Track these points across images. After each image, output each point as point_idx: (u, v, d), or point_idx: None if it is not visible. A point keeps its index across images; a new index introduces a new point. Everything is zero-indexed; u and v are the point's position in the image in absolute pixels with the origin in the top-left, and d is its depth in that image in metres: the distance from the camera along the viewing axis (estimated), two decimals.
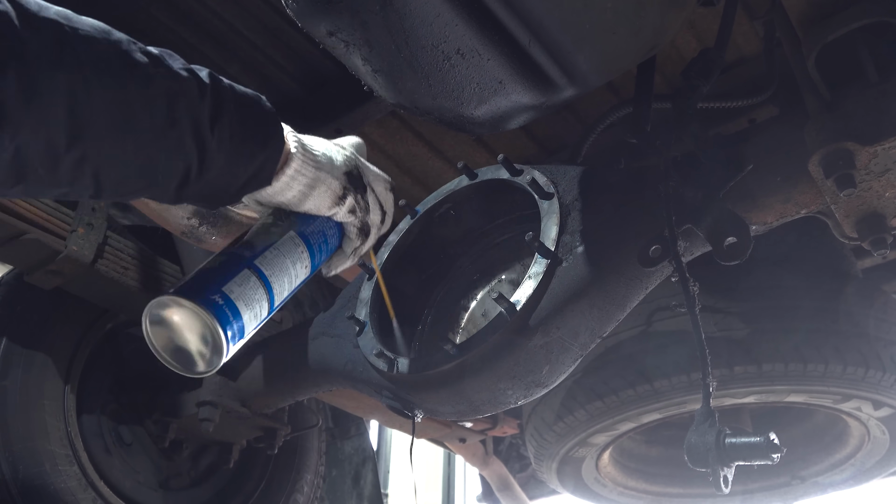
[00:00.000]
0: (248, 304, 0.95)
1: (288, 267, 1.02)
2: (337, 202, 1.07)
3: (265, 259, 1.00)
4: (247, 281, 0.96)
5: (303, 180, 1.02)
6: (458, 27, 1.02)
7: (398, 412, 1.42)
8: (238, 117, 0.92)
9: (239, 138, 0.92)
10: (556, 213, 1.34)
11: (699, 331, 1.20)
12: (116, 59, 0.82)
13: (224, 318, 0.92)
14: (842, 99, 1.27)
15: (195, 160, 0.88)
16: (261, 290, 0.97)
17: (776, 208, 1.39)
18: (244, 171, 0.94)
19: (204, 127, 0.87)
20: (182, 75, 0.88)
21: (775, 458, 1.05)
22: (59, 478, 1.87)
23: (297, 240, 1.05)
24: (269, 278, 0.99)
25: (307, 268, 1.07)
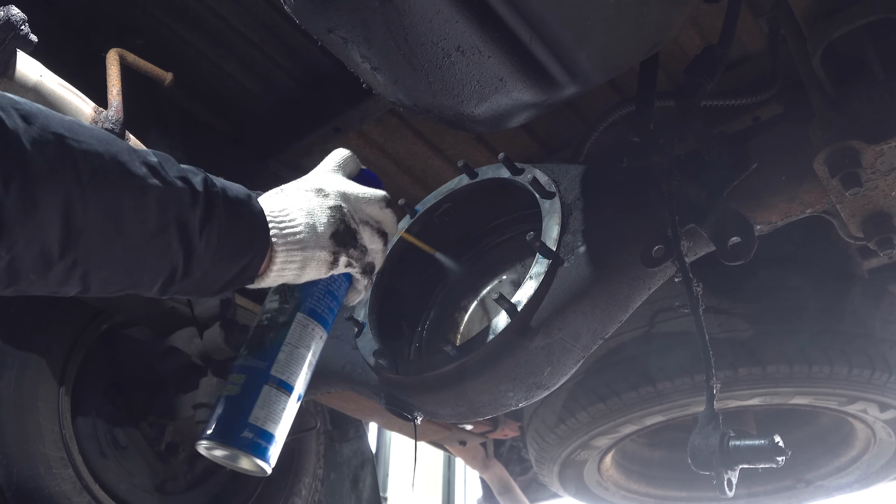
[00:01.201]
0: (275, 419, 1.06)
1: (305, 356, 1.10)
2: (331, 267, 1.08)
3: (279, 364, 1.07)
4: (269, 398, 1.05)
5: (291, 267, 1.03)
6: (459, 24, 1.02)
7: (397, 414, 1.42)
8: (226, 221, 0.95)
9: (226, 241, 0.95)
10: (558, 213, 1.34)
11: (703, 332, 1.20)
12: (114, 172, 0.85)
13: (257, 448, 1.04)
14: (847, 97, 1.27)
15: (181, 262, 0.91)
16: (283, 396, 1.07)
17: (781, 208, 1.39)
18: (228, 271, 0.97)
19: (193, 233, 0.91)
20: (177, 185, 0.91)
21: (780, 460, 1.05)
22: (54, 481, 1.86)
23: (305, 320, 1.11)
24: (289, 380, 1.08)
25: (322, 336, 1.13)
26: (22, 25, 1.28)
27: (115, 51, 1.57)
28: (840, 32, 1.23)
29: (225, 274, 0.97)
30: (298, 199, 1.06)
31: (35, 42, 1.31)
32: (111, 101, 1.46)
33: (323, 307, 1.13)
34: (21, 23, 1.28)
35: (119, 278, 0.89)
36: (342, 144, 2.23)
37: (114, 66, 1.53)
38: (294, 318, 1.10)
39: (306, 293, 1.11)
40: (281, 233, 1.02)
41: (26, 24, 1.29)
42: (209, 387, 1.94)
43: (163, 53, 1.95)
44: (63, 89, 1.37)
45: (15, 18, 1.27)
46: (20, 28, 1.28)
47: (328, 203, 1.08)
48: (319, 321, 1.12)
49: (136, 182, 0.87)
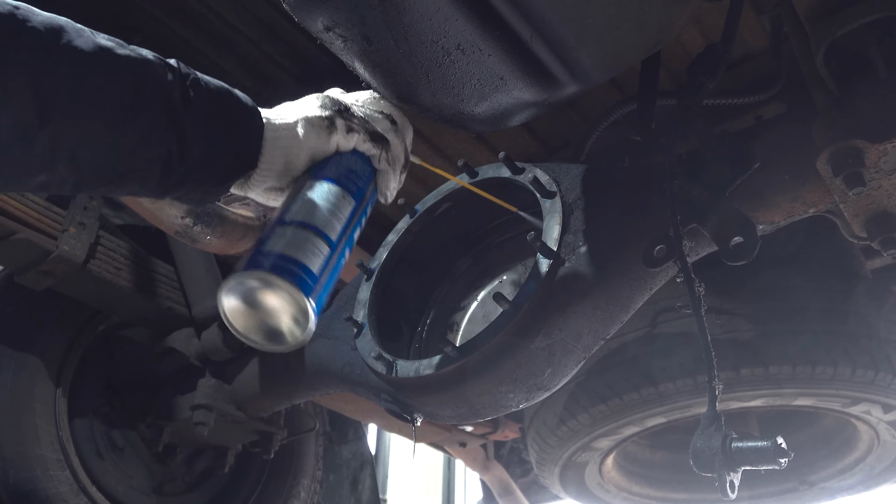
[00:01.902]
0: (298, 247, 0.95)
1: (323, 204, 1.01)
2: (329, 130, 1.05)
3: (292, 212, 0.99)
4: (284, 234, 0.96)
5: (284, 140, 1.01)
6: (459, 22, 1.02)
7: (397, 416, 1.42)
8: (210, 100, 0.93)
9: (215, 120, 0.93)
10: (559, 213, 1.34)
11: (705, 333, 1.20)
12: (79, 40, 0.83)
13: (278, 268, 0.91)
14: (851, 95, 1.27)
15: (174, 143, 0.88)
16: (304, 232, 0.97)
17: (784, 207, 1.39)
18: (227, 151, 0.95)
19: (177, 107, 0.88)
20: (149, 58, 0.90)
21: (783, 462, 1.05)
22: (51, 483, 1.87)
23: (316, 181, 1.03)
24: (308, 220, 0.98)
25: (346, 198, 1.04)
26: None
27: None
28: (843, 31, 1.23)
29: (224, 155, 0.94)
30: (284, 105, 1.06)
31: None
32: None
33: (336, 175, 1.05)
34: None
35: (111, 163, 0.85)
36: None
37: None
38: (306, 183, 1.03)
39: (314, 170, 1.05)
40: (270, 110, 1.02)
41: None
42: (207, 388, 1.94)
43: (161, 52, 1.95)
44: None
45: None
46: None
47: (313, 97, 1.10)
48: (334, 182, 1.04)
49: (104, 52, 0.84)
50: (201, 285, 2.07)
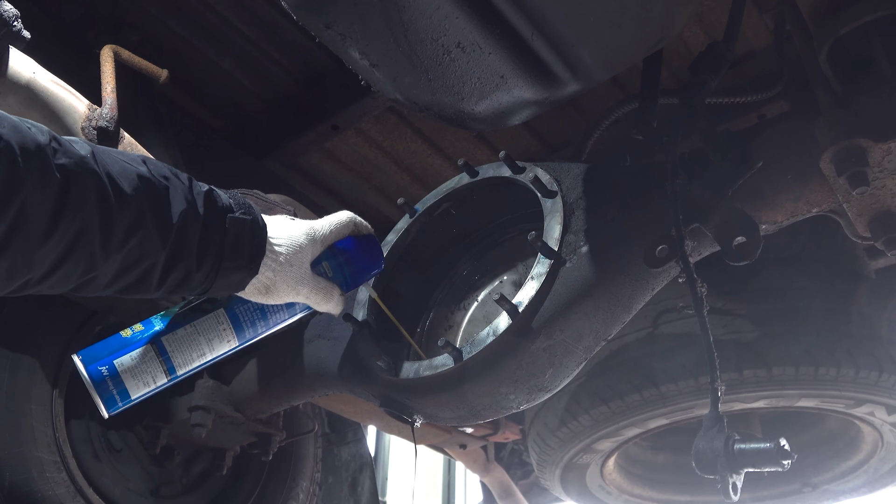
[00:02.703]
0: (135, 376, 1.12)
1: (201, 345, 1.16)
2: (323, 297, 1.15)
3: (174, 338, 1.14)
4: (144, 356, 1.12)
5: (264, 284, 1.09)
6: (459, 20, 1.02)
7: (396, 417, 1.42)
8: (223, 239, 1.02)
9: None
10: (560, 212, 1.34)
11: (707, 333, 1.20)
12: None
13: (103, 388, 1.11)
14: (854, 94, 1.27)
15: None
16: (157, 364, 1.13)
17: (787, 207, 1.39)
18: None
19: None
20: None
21: (786, 464, 1.05)
22: (47, 485, 1.86)
23: (222, 318, 1.16)
24: (172, 356, 1.14)
25: (231, 342, 1.18)
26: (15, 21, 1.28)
27: (110, 47, 1.57)
28: (847, 29, 1.23)
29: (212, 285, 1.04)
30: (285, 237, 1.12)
31: (28, 38, 1.31)
32: (105, 99, 1.46)
33: (246, 318, 1.17)
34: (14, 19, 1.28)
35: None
36: (341, 142, 2.24)
37: (108, 63, 1.53)
38: (214, 311, 1.16)
39: (240, 299, 1.15)
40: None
41: (19, 21, 1.29)
42: (205, 389, 1.94)
43: (158, 50, 1.95)
44: (56, 86, 1.37)
45: (7, 14, 1.27)
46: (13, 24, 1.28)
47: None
48: (237, 328, 1.17)
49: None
50: None
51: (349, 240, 1.20)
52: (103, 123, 1.41)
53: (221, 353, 1.19)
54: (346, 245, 1.19)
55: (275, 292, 1.09)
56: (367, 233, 1.22)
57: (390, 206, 2.49)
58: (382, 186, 2.44)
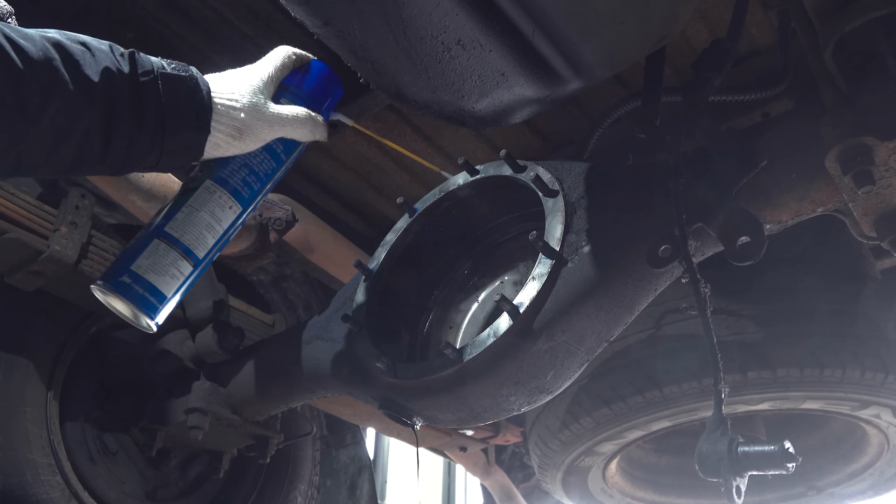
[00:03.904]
0: (160, 272, 1.11)
1: (205, 220, 1.14)
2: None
3: (176, 222, 1.13)
4: (156, 251, 1.11)
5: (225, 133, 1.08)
6: (459, 17, 1.02)
7: (396, 420, 1.42)
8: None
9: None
10: (562, 212, 1.34)
11: (711, 334, 1.20)
12: None
13: (134, 294, 1.10)
14: (860, 92, 1.27)
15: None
16: (173, 252, 1.12)
17: (791, 206, 1.39)
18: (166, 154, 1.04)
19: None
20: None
21: (790, 467, 1.05)
22: (42, 488, 1.87)
23: (213, 187, 1.14)
24: (183, 239, 1.12)
25: (233, 208, 1.16)
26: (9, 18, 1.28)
27: None
28: (852, 25, 1.23)
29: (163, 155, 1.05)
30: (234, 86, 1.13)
31: None
32: None
33: (237, 179, 1.16)
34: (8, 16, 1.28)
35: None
36: (339, 140, 2.24)
37: None
38: (202, 184, 1.14)
39: (221, 162, 1.15)
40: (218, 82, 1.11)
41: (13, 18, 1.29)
42: (202, 391, 1.94)
43: (154, 47, 1.95)
44: None
45: (2, 11, 1.27)
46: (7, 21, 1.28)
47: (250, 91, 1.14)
48: (231, 192, 1.15)
49: None
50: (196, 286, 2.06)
51: (296, 73, 1.22)
52: None
53: (232, 222, 1.18)
54: (296, 78, 1.21)
55: (249, 133, 1.09)
56: (310, 59, 1.24)
57: (389, 206, 2.49)
58: (381, 185, 2.44)
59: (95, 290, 1.11)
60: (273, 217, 1.84)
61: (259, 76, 1.15)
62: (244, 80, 1.13)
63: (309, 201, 2.41)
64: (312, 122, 1.18)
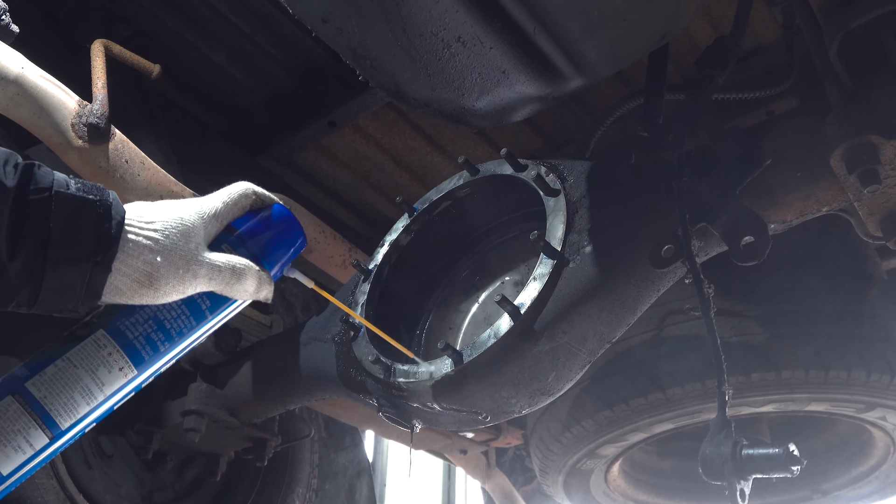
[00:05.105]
0: (1, 441, 0.86)
1: (83, 382, 0.90)
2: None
3: (41, 379, 0.89)
4: (5, 411, 0.87)
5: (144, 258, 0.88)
6: (459, 13, 1.02)
7: (395, 422, 1.42)
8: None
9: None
10: (563, 211, 1.34)
11: (714, 336, 1.20)
12: None
13: None
14: (866, 89, 1.27)
15: None
16: (26, 418, 0.87)
17: (796, 206, 1.39)
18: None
19: None
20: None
21: (795, 470, 1.05)
22: (36, 492, 1.87)
23: (102, 340, 0.92)
24: (44, 401, 0.88)
25: (124, 370, 0.92)
26: (3, 15, 1.29)
27: (101, 42, 1.57)
28: (858, 22, 1.23)
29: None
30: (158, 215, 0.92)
31: (16, 32, 1.32)
32: (96, 95, 1.46)
33: (136, 333, 0.92)
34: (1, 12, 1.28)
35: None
36: (338, 139, 2.24)
37: (99, 58, 1.53)
38: (91, 334, 0.92)
39: (124, 310, 0.93)
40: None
41: (7, 14, 1.29)
42: (199, 393, 1.94)
43: (150, 44, 1.95)
44: (45, 82, 1.37)
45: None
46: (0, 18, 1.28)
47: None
48: (126, 350, 0.92)
49: None
50: None
51: (250, 215, 1.00)
52: (94, 120, 1.41)
53: (118, 389, 0.92)
54: (249, 223, 0.99)
55: (161, 280, 0.87)
56: (272, 202, 1.03)
57: (389, 205, 2.49)
58: (381, 185, 2.44)
59: None
60: None
61: (199, 211, 0.93)
62: (176, 212, 0.91)
63: (307, 201, 2.41)
64: (255, 279, 0.96)
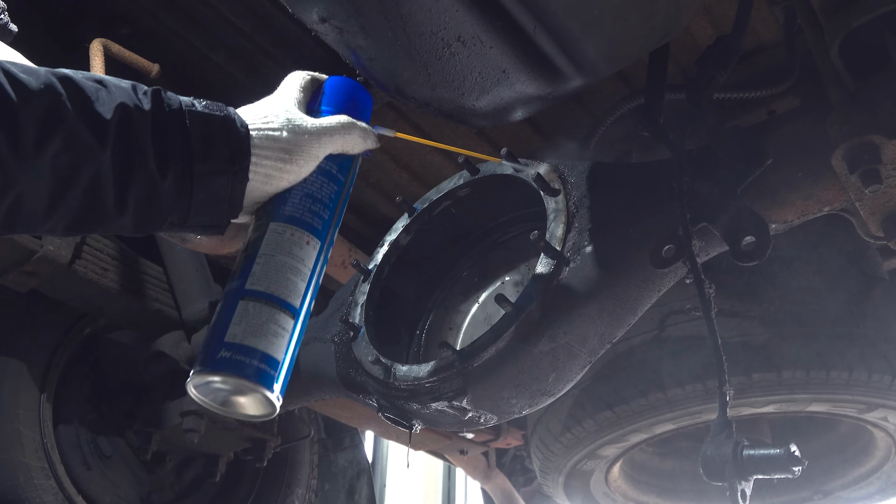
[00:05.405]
0: (260, 332, 0.95)
1: (288, 263, 1.00)
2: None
3: (255, 276, 0.99)
4: (245, 313, 0.96)
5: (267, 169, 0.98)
6: (459, 12, 1.02)
7: (395, 422, 1.42)
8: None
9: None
10: (563, 211, 1.34)
11: (715, 336, 1.20)
12: None
13: (240, 366, 0.93)
14: (867, 89, 1.27)
15: None
16: (266, 307, 0.97)
17: (797, 205, 1.39)
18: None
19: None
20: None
21: (796, 471, 1.05)
22: (35, 492, 1.87)
23: (281, 227, 1.02)
24: (271, 290, 0.98)
25: (311, 243, 1.03)
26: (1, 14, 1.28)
27: (99, 41, 1.57)
28: (859, 22, 1.23)
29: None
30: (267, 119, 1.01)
31: (15, 32, 1.31)
32: None
33: (302, 211, 1.03)
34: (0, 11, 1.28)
35: None
36: None
37: (97, 57, 1.53)
38: (268, 228, 1.01)
39: (278, 201, 1.02)
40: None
41: (6, 13, 1.29)
42: None
43: (149, 44, 1.95)
44: None
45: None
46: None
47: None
48: (302, 226, 1.02)
49: None
50: (191, 287, 2.07)
51: (317, 94, 1.11)
52: None
53: (316, 258, 1.03)
54: (321, 98, 1.10)
55: (298, 152, 0.98)
56: (325, 78, 1.13)
57: (388, 205, 2.49)
58: (380, 184, 2.44)
59: (192, 383, 0.94)
60: None
61: (287, 97, 1.05)
62: (275, 103, 1.03)
63: None
64: (360, 129, 1.06)
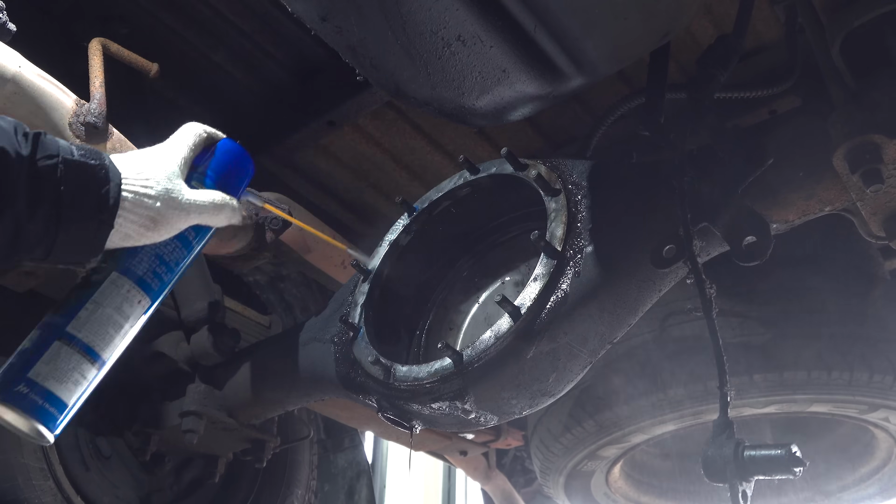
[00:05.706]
0: (61, 378, 1.01)
1: (112, 318, 1.06)
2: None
3: (78, 321, 1.04)
4: (57, 355, 1.02)
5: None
6: (459, 12, 1.02)
7: (395, 423, 1.42)
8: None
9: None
10: (564, 211, 1.34)
11: (716, 336, 1.20)
12: None
13: (32, 406, 0.99)
14: (868, 88, 1.27)
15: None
16: (76, 355, 1.03)
17: (798, 205, 1.39)
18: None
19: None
20: None
21: (797, 471, 1.05)
22: (34, 493, 1.87)
23: (121, 280, 1.07)
24: (87, 340, 1.04)
25: (142, 303, 1.09)
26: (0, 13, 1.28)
27: (98, 40, 1.57)
28: (860, 21, 1.23)
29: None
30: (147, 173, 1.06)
31: (13, 31, 1.32)
32: (94, 94, 1.46)
33: (146, 270, 1.08)
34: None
35: None
36: (337, 138, 2.24)
37: (96, 57, 1.53)
38: (107, 277, 1.06)
39: (129, 252, 1.08)
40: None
41: (4, 12, 1.29)
42: (197, 394, 1.94)
43: (148, 43, 1.95)
44: (43, 81, 1.37)
45: None
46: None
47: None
48: (141, 285, 1.08)
49: None
50: (190, 287, 2.07)
51: (206, 152, 1.17)
52: (91, 119, 1.41)
53: (140, 318, 1.10)
54: (207, 159, 1.16)
55: (163, 223, 1.04)
56: (221, 137, 1.20)
57: (388, 205, 2.49)
58: (380, 184, 2.44)
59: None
60: (269, 216, 1.84)
61: (174, 159, 1.09)
62: (158, 163, 1.07)
63: (306, 200, 2.41)
64: (230, 208, 1.14)
